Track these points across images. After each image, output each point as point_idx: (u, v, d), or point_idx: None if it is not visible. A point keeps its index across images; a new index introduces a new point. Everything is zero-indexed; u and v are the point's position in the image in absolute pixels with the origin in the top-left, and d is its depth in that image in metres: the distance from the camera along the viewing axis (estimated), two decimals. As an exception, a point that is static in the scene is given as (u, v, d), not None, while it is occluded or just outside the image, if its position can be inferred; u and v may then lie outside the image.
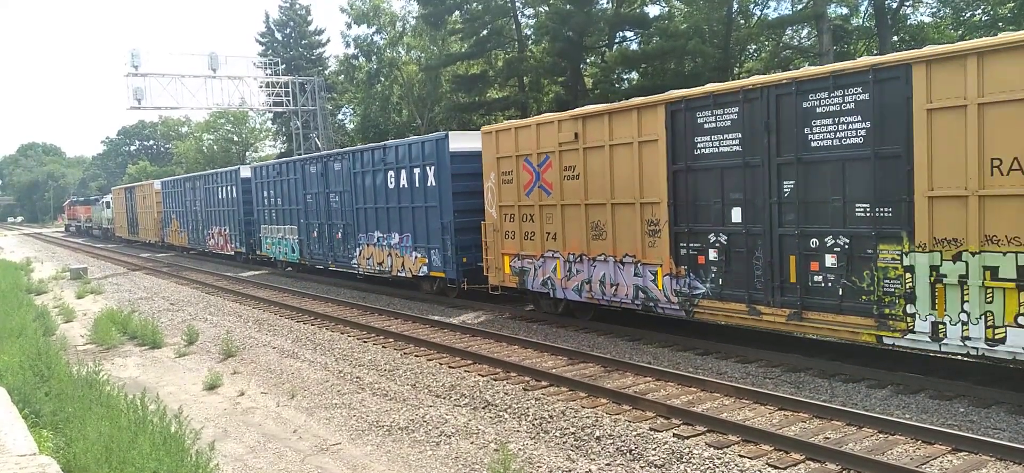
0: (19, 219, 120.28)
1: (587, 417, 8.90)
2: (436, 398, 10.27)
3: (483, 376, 11.12)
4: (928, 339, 9.00)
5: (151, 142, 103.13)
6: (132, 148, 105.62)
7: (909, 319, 9.13)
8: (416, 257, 18.72)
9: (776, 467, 7.25)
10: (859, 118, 9.51)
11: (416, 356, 12.68)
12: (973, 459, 7.14)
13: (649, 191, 12.21)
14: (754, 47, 32.94)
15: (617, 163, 12.70)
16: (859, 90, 9.49)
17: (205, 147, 70.86)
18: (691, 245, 11.72)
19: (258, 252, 28.33)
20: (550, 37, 33.33)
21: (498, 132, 15.39)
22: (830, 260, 9.94)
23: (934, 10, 30.09)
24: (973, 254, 8.48)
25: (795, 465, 7.28)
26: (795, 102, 10.14)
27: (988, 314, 8.42)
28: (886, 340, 9.44)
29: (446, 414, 9.49)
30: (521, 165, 14.76)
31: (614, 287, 12.99)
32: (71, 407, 7.86)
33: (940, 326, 8.85)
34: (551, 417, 9.03)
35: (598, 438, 8.26)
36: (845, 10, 30.99)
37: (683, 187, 11.71)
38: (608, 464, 7.67)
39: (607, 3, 34.48)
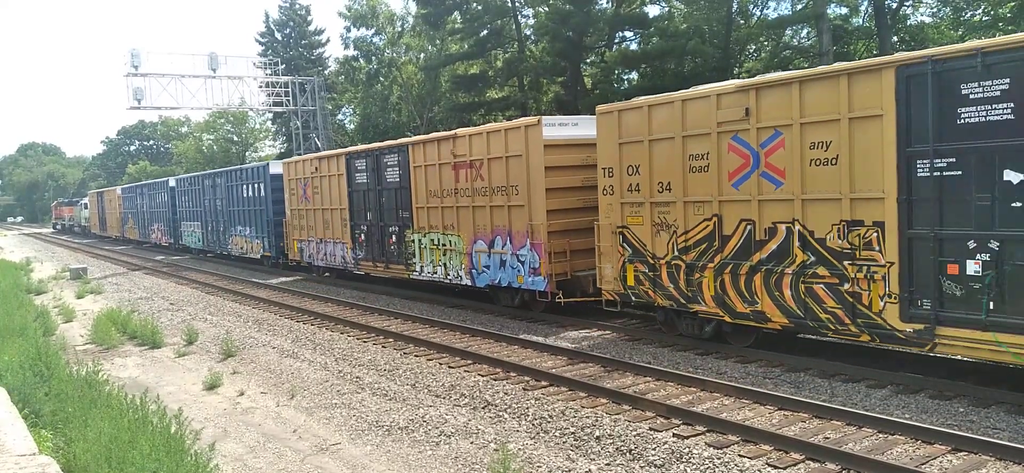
0: (19, 219, 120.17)
1: (587, 417, 8.90)
2: (436, 398, 10.27)
3: (483, 376, 11.12)
4: (418, 274, 18.26)
5: (151, 142, 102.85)
6: (132, 148, 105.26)
7: (415, 266, 18.33)
8: (256, 243, 28.03)
9: (776, 467, 7.25)
10: (398, 168, 18.53)
11: (416, 356, 12.69)
12: (973, 459, 7.14)
13: (342, 202, 21.23)
14: (754, 47, 32.95)
15: (331, 186, 21.83)
16: (398, 156, 18.50)
17: (205, 147, 70.71)
18: (356, 232, 20.80)
19: (181, 242, 37.60)
20: (550, 37, 33.31)
21: (287, 163, 25.18)
22: (394, 239, 19.17)
23: (934, 10, 30.11)
24: (427, 234, 17.73)
25: (795, 465, 7.28)
26: (380, 159, 19.37)
27: (433, 261, 17.68)
28: (411, 276, 18.62)
29: (446, 414, 9.49)
30: (298, 184, 24.05)
31: (334, 257, 22.26)
32: (71, 407, 7.85)
33: (423, 268, 18.03)
34: (551, 417, 9.03)
35: (598, 438, 8.26)
36: (845, 10, 31.01)
37: (355, 200, 20.69)
38: (608, 464, 7.67)
39: (607, 3, 34.47)
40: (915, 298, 9.07)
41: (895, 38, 28.16)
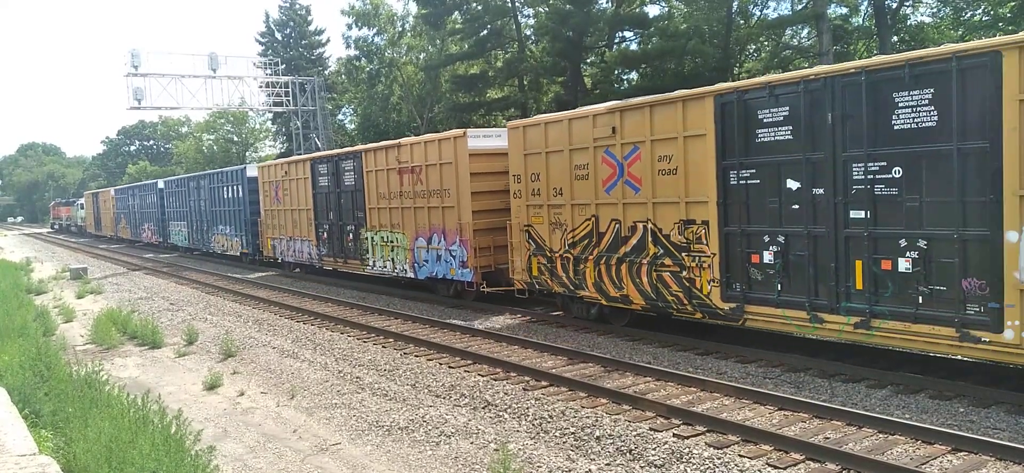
0: (19, 219, 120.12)
1: (587, 417, 8.90)
2: (436, 398, 10.27)
3: (483, 376, 11.12)
4: (371, 268, 20.12)
5: (151, 142, 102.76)
6: (132, 148, 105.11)
7: (369, 261, 20.18)
8: (235, 241, 30.09)
9: (776, 467, 7.25)
10: (354, 173, 20.55)
11: (416, 356, 12.69)
12: (973, 459, 7.15)
13: (308, 203, 23.29)
14: (754, 47, 32.94)
15: (298, 189, 23.89)
16: (353, 162, 20.57)
17: (205, 147, 70.64)
18: (320, 230, 22.78)
19: (169, 241, 39.62)
20: (550, 37, 33.31)
21: (261, 167, 27.36)
22: (351, 236, 21.12)
23: (934, 10, 30.10)
24: (379, 232, 19.59)
25: (795, 465, 7.28)
26: (339, 164, 21.34)
27: (383, 256, 19.53)
28: (366, 270, 20.49)
29: (446, 414, 9.49)
30: (271, 187, 26.04)
31: (302, 254, 24.27)
32: (71, 407, 7.85)
33: (375, 262, 19.93)
34: (551, 417, 9.03)
35: (598, 438, 8.26)
36: (845, 10, 31.00)
37: (319, 201, 22.71)
38: (608, 464, 7.67)
39: (607, 3, 34.46)
40: (731, 282, 11.12)
41: (895, 38, 28.17)
